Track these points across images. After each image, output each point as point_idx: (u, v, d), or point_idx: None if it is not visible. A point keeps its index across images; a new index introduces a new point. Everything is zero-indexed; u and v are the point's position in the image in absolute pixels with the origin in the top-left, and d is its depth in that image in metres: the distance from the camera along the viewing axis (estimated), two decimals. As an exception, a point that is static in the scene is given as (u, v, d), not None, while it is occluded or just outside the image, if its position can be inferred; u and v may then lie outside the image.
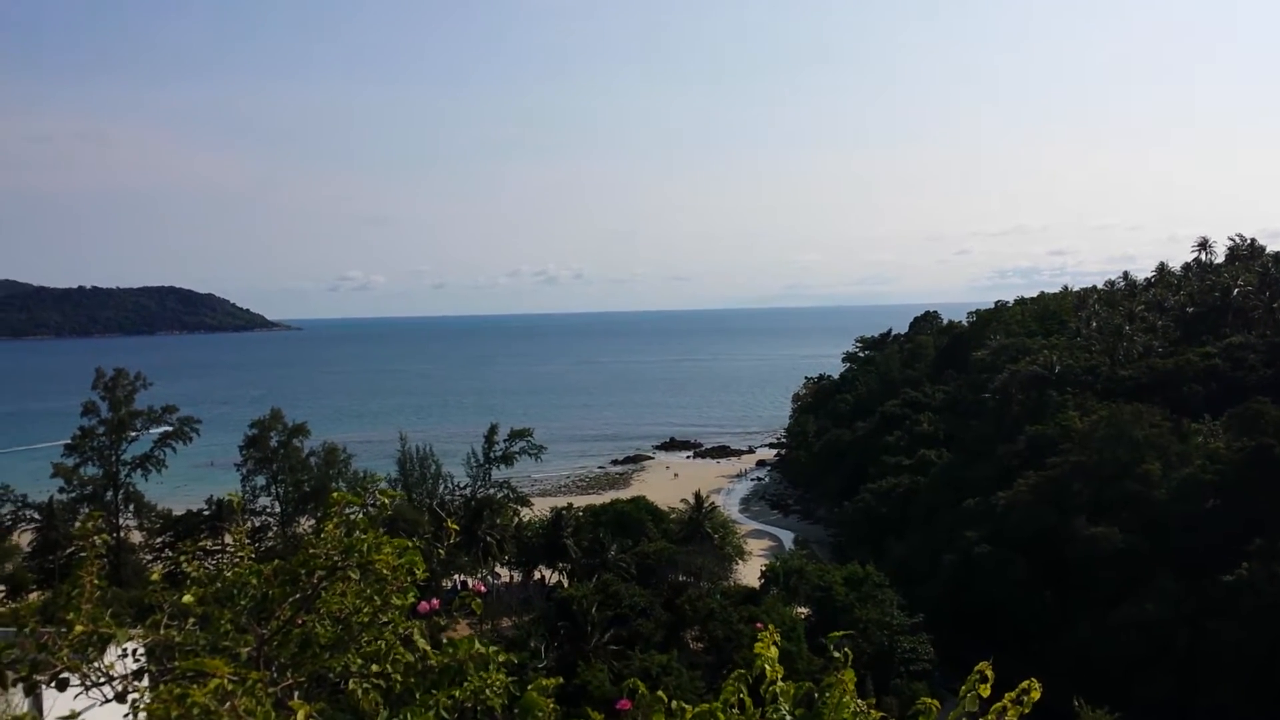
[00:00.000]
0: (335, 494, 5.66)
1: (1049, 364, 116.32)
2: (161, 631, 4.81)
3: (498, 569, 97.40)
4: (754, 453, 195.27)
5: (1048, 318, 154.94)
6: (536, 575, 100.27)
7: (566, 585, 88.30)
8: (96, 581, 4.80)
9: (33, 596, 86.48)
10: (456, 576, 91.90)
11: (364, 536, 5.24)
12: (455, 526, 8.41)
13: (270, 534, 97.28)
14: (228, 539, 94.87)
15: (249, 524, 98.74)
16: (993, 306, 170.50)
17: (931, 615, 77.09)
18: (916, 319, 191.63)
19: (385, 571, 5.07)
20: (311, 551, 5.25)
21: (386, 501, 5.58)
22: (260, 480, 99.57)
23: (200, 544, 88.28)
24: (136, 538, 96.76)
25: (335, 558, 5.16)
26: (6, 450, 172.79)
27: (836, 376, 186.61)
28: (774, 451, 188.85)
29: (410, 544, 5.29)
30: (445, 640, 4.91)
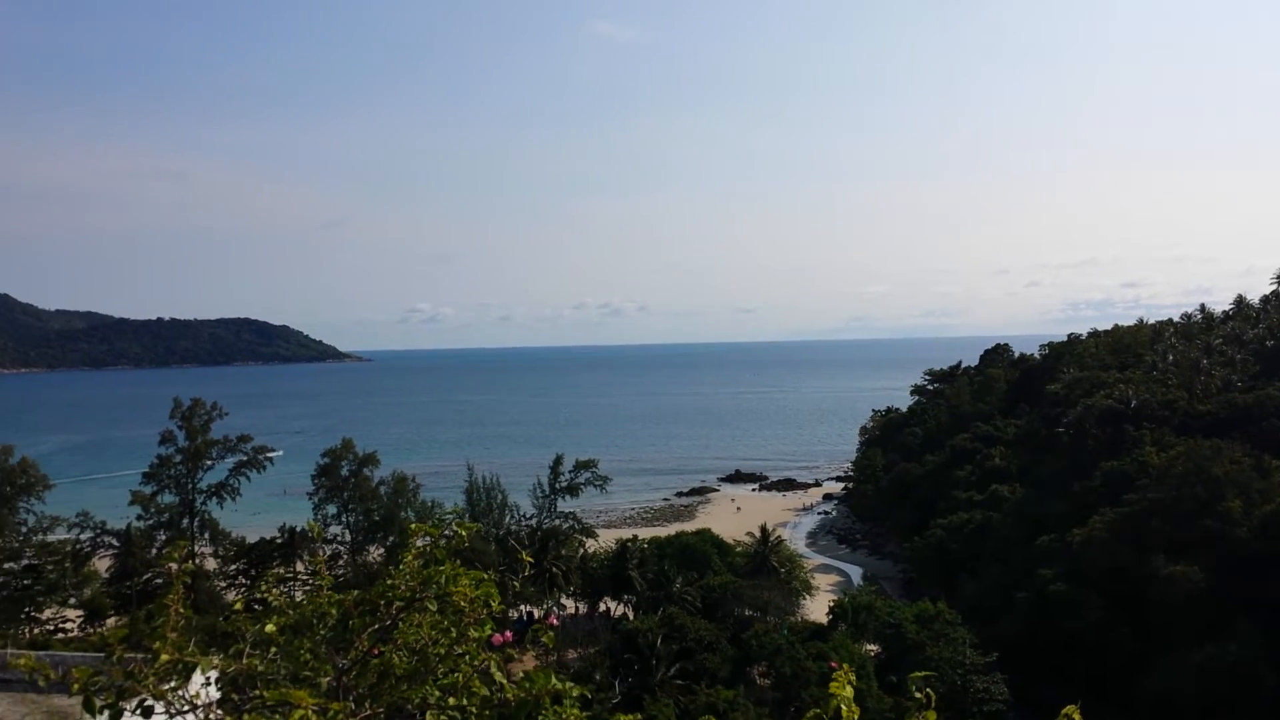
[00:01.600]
0: (413, 525, 5.70)
1: (1125, 398, 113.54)
2: (244, 660, 4.87)
3: (563, 600, 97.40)
4: (820, 486, 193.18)
5: (1122, 351, 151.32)
6: (602, 607, 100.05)
7: (632, 618, 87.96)
8: (181, 610, 4.86)
9: (110, 622, 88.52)
10: (522, 607, 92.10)
11: (442, 568, 5.25)
12: (530, 559, 8.42)
13: (341, 562, 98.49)
14: (300, 567, 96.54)
15: (318, 553, 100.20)
16: (1065, 339, 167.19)
17: (1005, 654, 75.23)
18: (987, 351, 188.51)
19: (463, 604, 5.09)
20: (390, 582, 5.27)
21: (464, 534, 5.61)
22: (331, 509, 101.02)
23: (279, 573, 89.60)
24: (211, 565, 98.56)
25: (414, 589, 5.17)
26: (87, 478, 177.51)
27: (905, 409, 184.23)
28: (841, 485, 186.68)
29: (485, 576, 5.30)
30: (522, 675, 4.90)
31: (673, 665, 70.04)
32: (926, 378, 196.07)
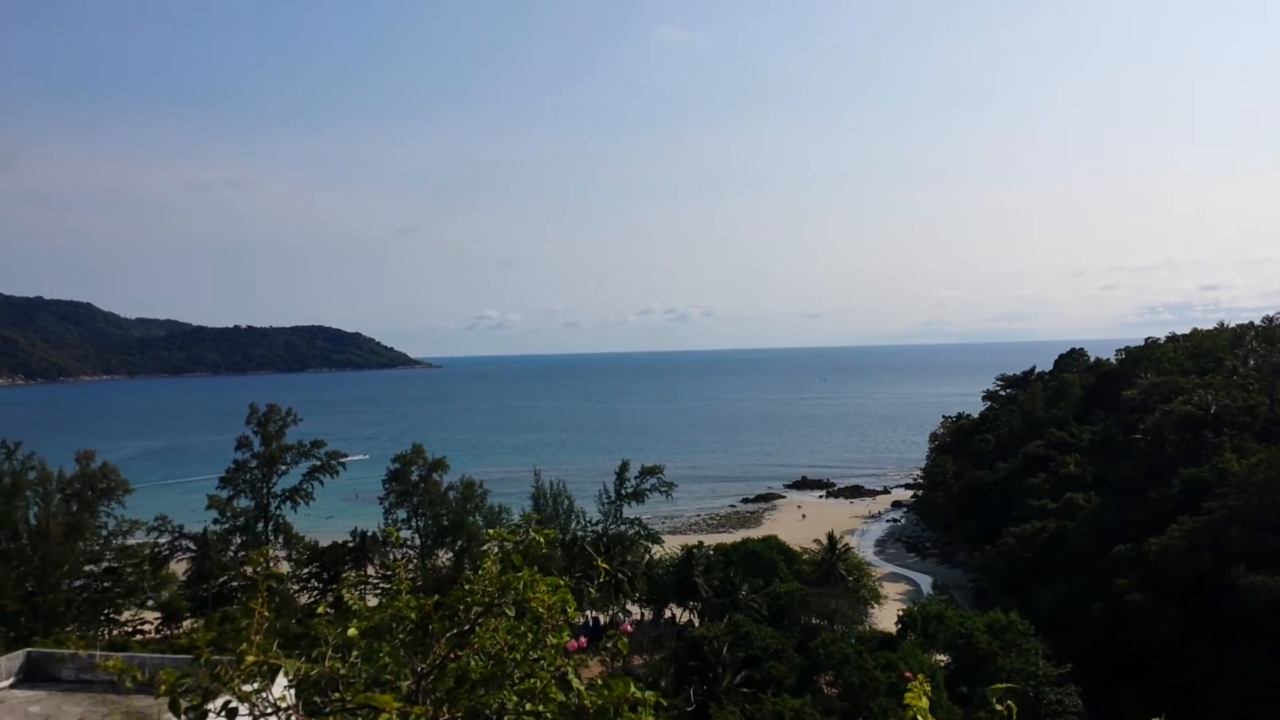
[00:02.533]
0: (491, 532, 5.74)
1: (1204, 404, 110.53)
2: (325, 663, 4.95)
3: (629, 606, 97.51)
4: (889, 493, 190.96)
5: (1201, 355, 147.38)
6: (667, 613, 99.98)
7: (697, 624, 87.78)
8: (265, 613, 4.96)
9: (186, 624, 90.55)
10: (588, 613, 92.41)
11: (520, 574, 5.28)
12: (605, 565, 8.46)
13: (411, 566, 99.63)
14: (371, 570, 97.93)
15: (392, 557, 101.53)
16: (1142, 344, 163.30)
17: (1079, 665, 73.66)
18: (1061, 356, 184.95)
19: (541, 610, 5.11)
20: (469, 587, 5.31)
21: (541, 540, 5.64)
22: (401, 513, 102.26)
23: (356, 576, 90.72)
24: (285, 568, 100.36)
25: (492, 594, 5.21)
26: (165, 482, 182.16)
27: (976, 416, 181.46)
28: (910, 492, 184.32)
29: (561, 582, 5.32)
30: (599, 681, 4.92)
31: (738, 673, 69.74)
32: (999, 383, 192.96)
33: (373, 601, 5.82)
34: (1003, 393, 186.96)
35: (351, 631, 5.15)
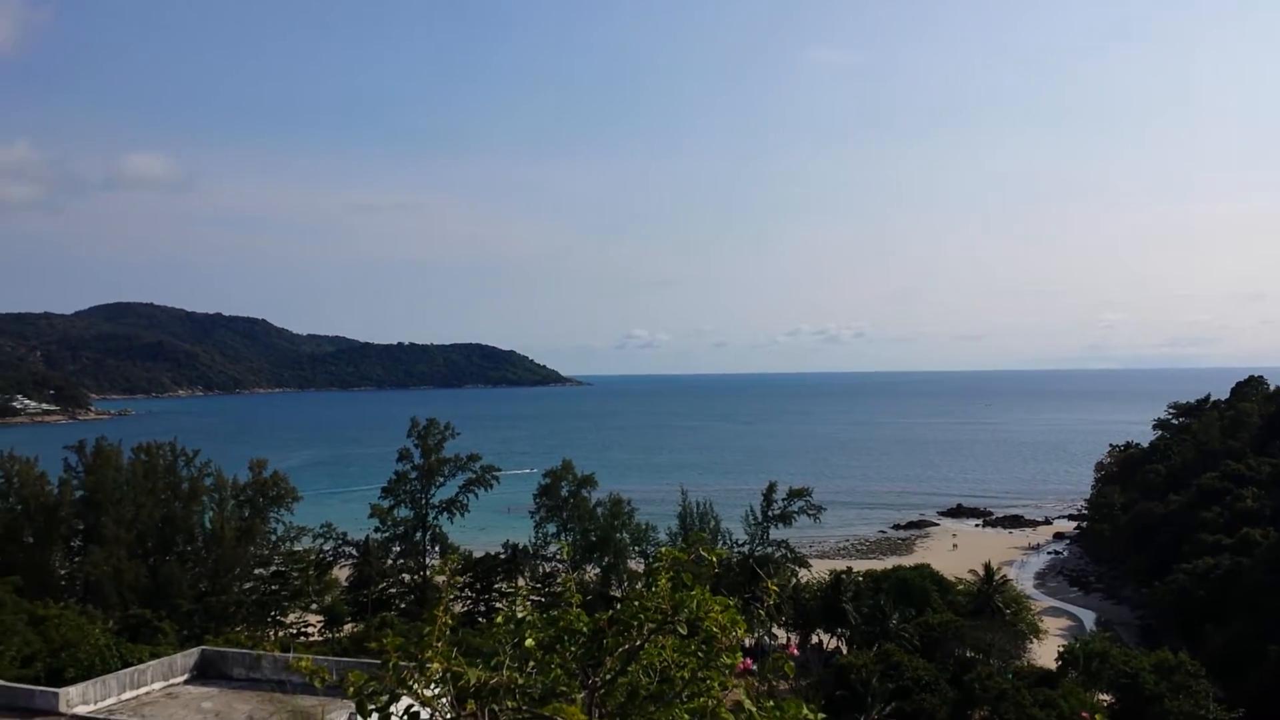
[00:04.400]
0: (665, 549, 5.81)
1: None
2: (504, 673, 5.10)
3: (774, 630, 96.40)
4: (1050, 524, 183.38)
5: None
6: (814, 639, 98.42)
7: (845, 652, 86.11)
8: (448, 621, 5.14)
9: (347, 628, 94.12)
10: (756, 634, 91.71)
11: (693, 593, 5.31)
12: (774, 587, 8.43)
13: (558, 580, 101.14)
14: (521, 582, 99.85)
15: (560, 571, 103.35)
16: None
17: (1252, 710, 69.12)
18: (1239, 384, 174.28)
19: (715, 630, 5.14)
20: (643, 604, 5.37)
21: (714, 560, 5.68)
22: (551, 528, 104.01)
23: (526, 588, 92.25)
24: (441, 577, 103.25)
25: (666, 612, 5.25)
26: (332, 491, 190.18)
27: (1146, 445, 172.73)
28: (1073, 524, 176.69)
29: (731, 603, 5.34)
30: (771, 703, 4.91)
31: (888, 704, 68.05)
32: (1170, 411, 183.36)
33: (521, 614, 5.95)
34: (1175, 421, 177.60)
35: (529, 643, 5.29)
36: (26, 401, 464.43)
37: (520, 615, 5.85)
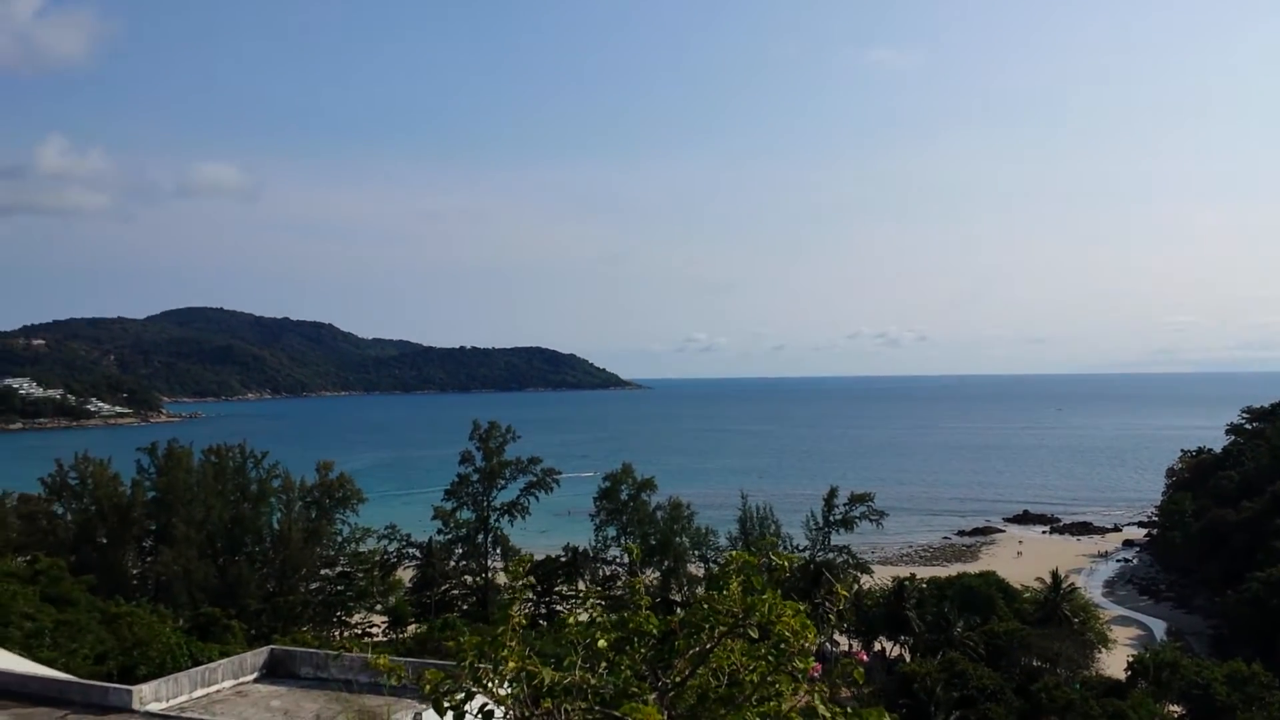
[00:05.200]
0: (735, 553, 5.83)
1: None
2: (576, 674, 5.16)
3: (835, 636, 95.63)
4: (1120, 531, 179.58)
5: None
6: (876, 646, 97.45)
7: (908, 660, 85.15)
8: (521, 621, 5.20)
9: (411, 629, 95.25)
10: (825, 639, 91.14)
11: (764, 597, 5.32)
12: (845, 593, 8.40)
13: (619, 583, 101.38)
14: (582, 585, 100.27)
15: (629, 574, 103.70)
16: None
17: (1334, 726, 66.93)
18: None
19: (787, 634, 5.14)
20: (714, 607, 5.38)
21: (786, 565, 5.68)
22: (611, 531, 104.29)
23: (594, 591, 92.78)
24: (502, 579, 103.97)
25: (737, 615, 5.26)
26: (396, 493, 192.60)
27: (1218, 451, 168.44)
28: (1143, 531, 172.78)
29: (801, 607, 5.34)
30: (850, 710, 4.91)
31: (951, 713, 67.12)
32: (1244, 416, 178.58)
33: (584, 616, 6.02)
34: (1249, 426, 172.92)
35: (602, 643, 5.33)
36: (100, 404, 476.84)
37: (591, 616, 5.86)
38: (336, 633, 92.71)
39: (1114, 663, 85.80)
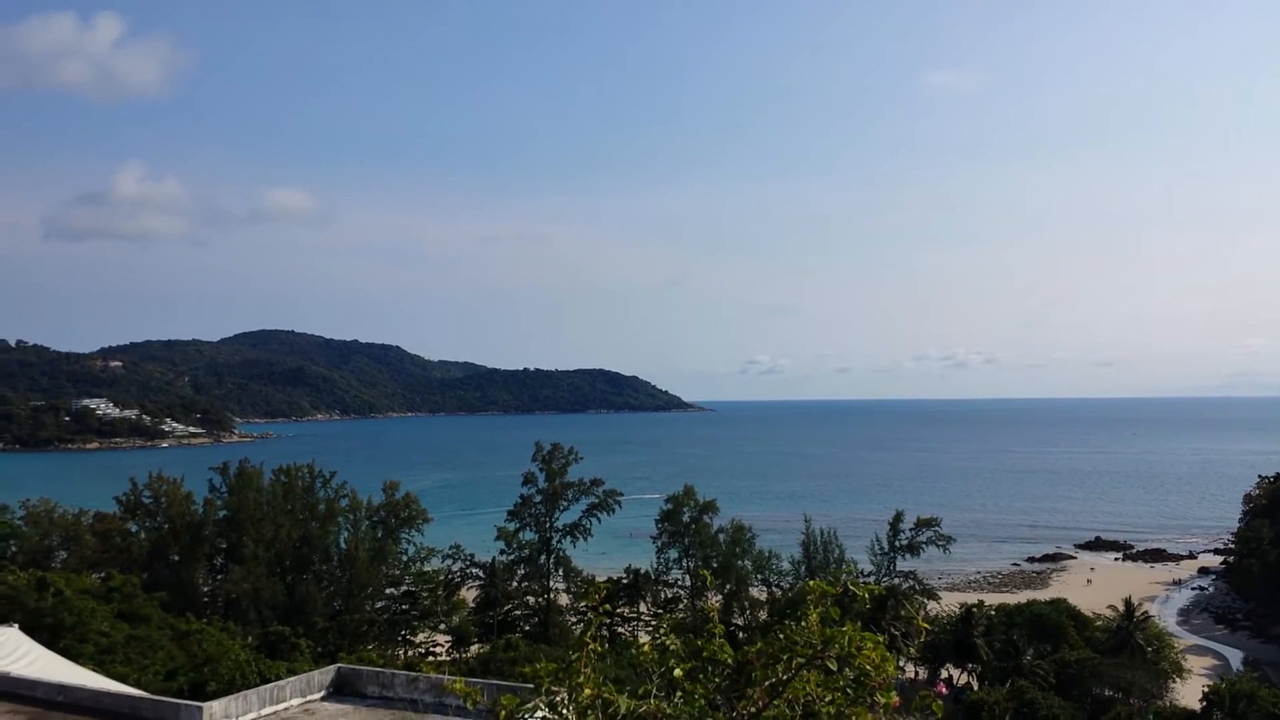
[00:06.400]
0: (813, 582, 5.79)
1: None
2: (652, 702, 5.14)
3: (901, 663, 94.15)
4: (1195, 558, 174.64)
5: None
6: (944, 674, 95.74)
7: (976, 688, 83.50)
8: (597, 648, 5.20)
9: (474, 648, 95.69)
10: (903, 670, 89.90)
11: (844, 629, 5.27)
12: (926, 625, 8.28)
13: (681, 607, 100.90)
14: (644, 608, 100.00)
15: (662, 595, 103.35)
16: None
17: None
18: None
19: (869, 667, 5.08)
20: (793, 638, 5.34)
21: (865, 596, 5.64)
22: (673, 554, 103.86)
23: (671, 619, 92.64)
24: (564, 600, 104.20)
25: (815, 647, 5.22)
26: (460, 514, 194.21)
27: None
28: (1219, 558, 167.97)
29: (880, 639, 5.28)
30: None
31: (1023, 743, 65.67)
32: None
33: (645, 639, 5.98)
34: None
35: (678, 673, 5.30)
36: (174, 424, 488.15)
37: (666, 644, 5.84)
38: (401, 652, 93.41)
39: (1189, 693, 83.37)
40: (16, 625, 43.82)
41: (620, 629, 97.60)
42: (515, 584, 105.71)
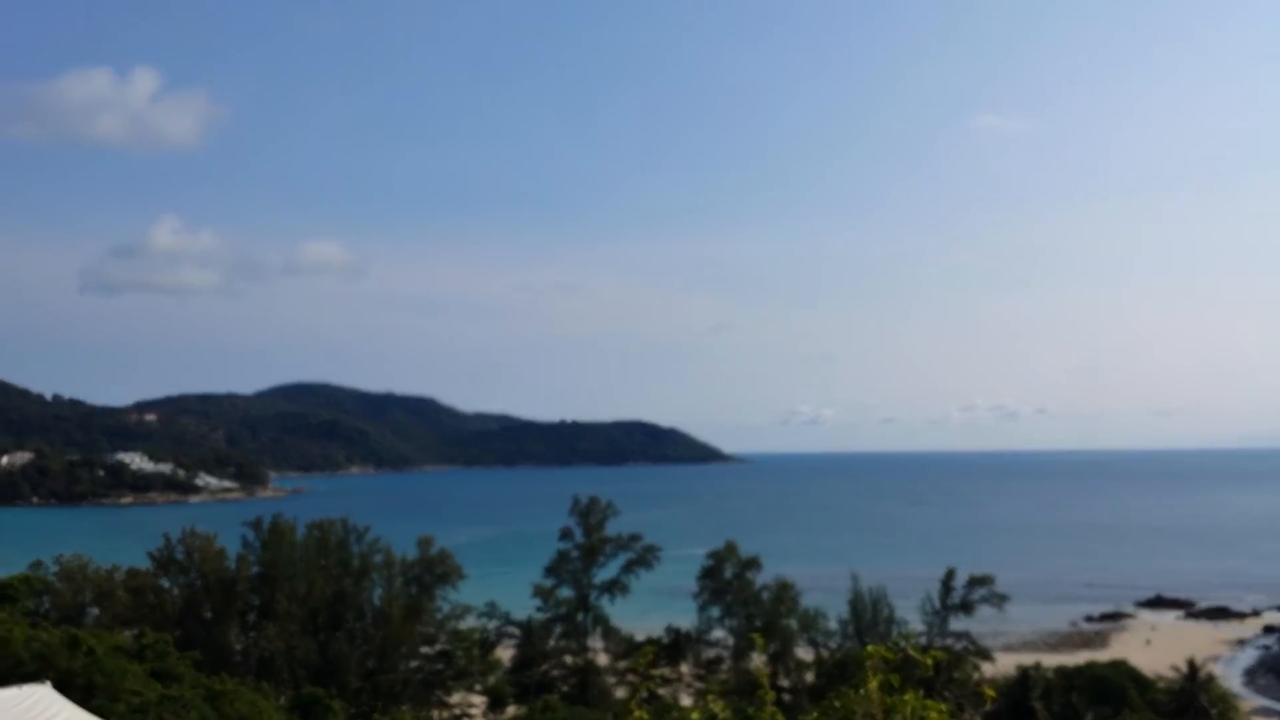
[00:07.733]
0: (870, 648, 5.28)
1: None
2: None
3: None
4: (1260, 616, 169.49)
5: None
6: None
7: (1036, 754, 79.81)
8: (643, 715, 5.36)
9: (510, 710, 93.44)
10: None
11: (906, 697, 4.79)
12: (992, 693, 6.81)
13: (723, 667, 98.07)
14: (685, 669, 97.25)
15: (703, 655, 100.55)
16: None
17: None
18: None
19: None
20: (851, 706, 4.76)
21: (929, 663, 4.28)
22: (715, 612, 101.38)
23: (719, 685, 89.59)
24: (603, 660, 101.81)
25: (875, 715, 4.71)
26: (496, 570, 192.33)
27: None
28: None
29: (943, 707, 4.55)
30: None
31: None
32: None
33: (686, 701, 4.90)
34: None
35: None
36: (208, 479, 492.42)
37: (714, 711, 5.59)
38: (435, 713, 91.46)
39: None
40: (49, 683, 42.96)
41: (660, 690, 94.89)
42: (552, 643, 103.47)
